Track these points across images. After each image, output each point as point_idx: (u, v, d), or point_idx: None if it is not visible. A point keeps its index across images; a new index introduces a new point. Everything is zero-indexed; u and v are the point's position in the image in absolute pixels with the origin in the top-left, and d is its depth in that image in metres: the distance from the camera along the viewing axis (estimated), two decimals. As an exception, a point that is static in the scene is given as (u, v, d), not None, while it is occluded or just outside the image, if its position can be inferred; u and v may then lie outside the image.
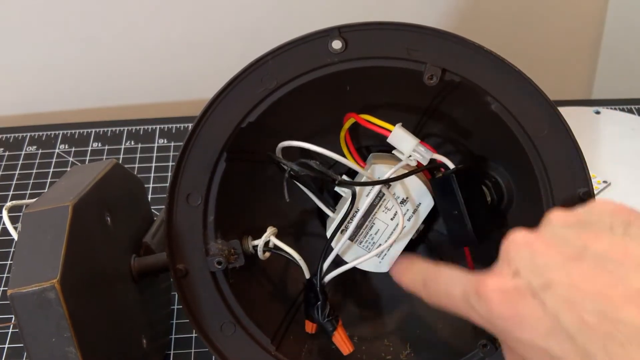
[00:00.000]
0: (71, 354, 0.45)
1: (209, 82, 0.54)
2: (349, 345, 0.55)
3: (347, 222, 0.56)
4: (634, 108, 0.90)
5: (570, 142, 0.53)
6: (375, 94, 0.56)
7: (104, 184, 0.55)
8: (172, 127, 0.91)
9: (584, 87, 1.04)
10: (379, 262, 0.59)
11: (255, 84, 0.53)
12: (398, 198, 0.57)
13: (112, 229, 0.55)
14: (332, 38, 0.52)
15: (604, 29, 0.98)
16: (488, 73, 0.52)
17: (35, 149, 0.88)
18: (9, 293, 0.45)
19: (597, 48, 1.00)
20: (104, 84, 0.95)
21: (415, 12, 0.92)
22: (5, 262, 0.74)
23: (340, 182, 0.53)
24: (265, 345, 0.56)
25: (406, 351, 0.60)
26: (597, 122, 0.87)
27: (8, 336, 0.67)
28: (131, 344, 0.56)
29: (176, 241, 0.55)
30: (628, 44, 0.98)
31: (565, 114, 0.53)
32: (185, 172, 0.54)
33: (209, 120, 0.54)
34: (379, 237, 0.58)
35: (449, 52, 0.52)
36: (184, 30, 0.92)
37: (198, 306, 0.55)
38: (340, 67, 0.53)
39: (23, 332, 0.45)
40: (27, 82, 0.94)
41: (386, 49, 0.53)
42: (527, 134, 0.53)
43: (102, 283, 0.52)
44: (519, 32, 0.96)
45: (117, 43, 0.91)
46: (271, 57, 0.53)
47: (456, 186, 0.54)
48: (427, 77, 0.52)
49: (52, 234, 0.48)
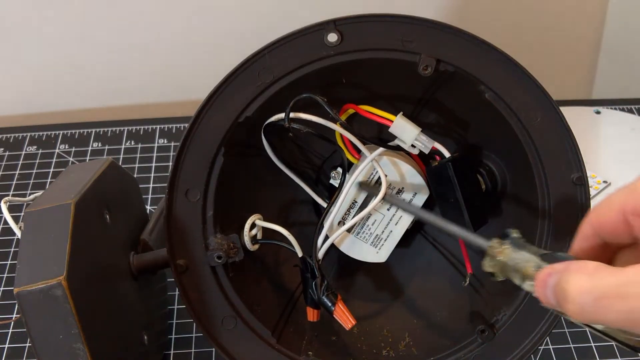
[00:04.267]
0: (79, 350, 0.46)
1: (209, 82, 0.54)
2: (350, 318, 0.55)
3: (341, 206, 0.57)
4: (634, 108, 0.91)
5: (563, 128, 0.54)
6: (371, 85, 0.56)
7: (102, 182, 0.55)
8: (172, 127, 0.91)
9: (584, 87, 1.05)
10: (377, 253, 0.59)
11: (252, 78, 0.54)
12: (393, 188, 0.58)
13: (111, 226, 0.55)
14: (328, 31, 0.53)
15: (604, 29, 0.98)
16: (482, 62, 0.53)
17: (35, 149, 0.88)
18: (15, 291, 0.45)
19: (597, 48, 1.00)
20: (104, 84, 0.94)
21: (412, 11, 0.93)
22: (5, 262, 0.73)
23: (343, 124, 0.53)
24: (267, 338, 0.56)
25: (405, 340, 0.60)
26: (597, 122, 0.88)
27: (8, 336, 0.66)
28: (133, 340, 0.56)
29: (176, 237, 0.55)
30: (628, 44, 0.99)
31: (565, 114, 0.54)
32: (184, 168, 0.55)
33: (207, 116, 0.54)
34: (375, 228, 0.59)
35: (443, 43, 0.53)
36: (184, 30, 0.91)
37: (199, 301, 0.56)
38: (336, 60, 0.53)
39: (30, 330, 0.45)
40: (27, 82, 0.93)
41: (381, 41, 0.53)
42: (520, 122, 0.54)
43: (104, 280, 0.52)
44: (518, 32, 0.97)
45: (117, 43, 0.91)
46: (267, 51, 0.53)
47: (452, 174, 0.55)
48: (421, 68, 0.53)
49: (56, 231, 0.48)
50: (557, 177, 0.54)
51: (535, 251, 0.42)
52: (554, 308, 0.38)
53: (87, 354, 0.46)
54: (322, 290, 0.55)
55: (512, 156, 0.56)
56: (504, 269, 0.43)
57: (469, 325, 0.58)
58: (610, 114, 0.89)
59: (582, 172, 0.54)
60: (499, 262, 0.43)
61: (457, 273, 0.62)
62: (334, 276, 0.63)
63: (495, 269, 0.44)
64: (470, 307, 0.60)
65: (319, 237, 0.56)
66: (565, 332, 0.66)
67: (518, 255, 0.42)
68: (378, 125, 0.54)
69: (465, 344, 0.57)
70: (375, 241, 0.59)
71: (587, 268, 0.36)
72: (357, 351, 0.60)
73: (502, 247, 0.43)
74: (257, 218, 0.56)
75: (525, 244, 0.43)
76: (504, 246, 0.43)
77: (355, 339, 0.61)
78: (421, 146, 0.54)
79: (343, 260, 0.61)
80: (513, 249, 0.43)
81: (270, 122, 0.54)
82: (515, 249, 0.43)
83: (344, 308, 0.54)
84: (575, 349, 0.65)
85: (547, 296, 0.38)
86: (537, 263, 0.41)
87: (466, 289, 0.60)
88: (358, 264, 0.60)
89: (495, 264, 0.44)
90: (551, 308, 0.39)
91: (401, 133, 0.53)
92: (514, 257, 0.43)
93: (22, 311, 0.45)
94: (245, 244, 0.56)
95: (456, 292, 0.61)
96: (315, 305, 0.56)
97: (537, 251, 0.42)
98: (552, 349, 0.65)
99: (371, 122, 0.54)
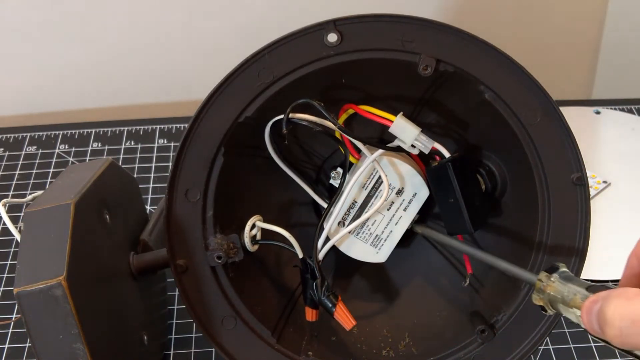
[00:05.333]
0: (79, 350, 0.46)
1: (209, 82, 0.54)
2: (351, 319, 0.55)
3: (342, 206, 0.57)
4: (634, 108, 0.91)
5: (563, 128, 0.54)
6: (370, 85, 0.56)
7: (102, 182, 0.55)
8: (172, 127, 0.91)
9: (584, 87, 1.04)
10: (377, 253, 0.59)
11: (252, 78, 0.54)
12: (394, 189, 0.58)
13: (111, 226, 0.55)
14: (328, 31, 0.53)
15: (604, 29, 0.98)
16: (481, 62, 0.53)
17: (35, 149, 0.88)
18: (15, 291, 0.45)
19: (597, 48, 1.00)
20: (104, 84, 0.94)
21: (412, 11, 0.93)
22: (5, 262, 0.73)
23: (341, 128, 0.53)
24: (266, 338, 0.56)
25: (405, 340, 0.60)
26: (597, 122, 0.88)
27: (8, 336, 0.66)
28: (133, 340, 0.56)
29: (176, 237, 0.55)
30: (628, 44, 0.99)
31: (565, 114, 0.54)
32: (184, 168, 0.55)
33: (207, 116, 0.54)
34: (375, 228, 0.59)
35: (443, 43, 0.53)
36: (184, 30, 0.91)
37: (199, 301, 0.56)
38: (336, 60, 0.54)
39: (30, 330, 0.45)
40: (27, 82, 0.93)
41: (381, 41, 0.53)
42: (520, 122, 0.54)
43: (104, 280, 0.52)
44: (518, 32, 0.97)
45: (117, 43, 0.91)
46: (267, 51, 0.53)
47: (452, 174, 0.55)
48: (421, 68, 0.53)
49: (56, 231, 0.48)
50: (557, 177, 0.54)
51: (582, 284, 0.42)
52: (599, 336, 0.38)
53: (87, 354, 0.46)
54: (322, 291, 0.55)
55: (512, 156, 0.56)
56: (553, 302, 0.44)
57: (469, 325, 0.58)
58: (610, 114, 0.89)
59: (582, 172, 0.54)
60: (547, 295, 0.44)
61: (457, 273, 0.62)
62: (333, 276, 0.63)
63: (544, 303, 0.44)
64: (470, 307, 0.60)
65: (319, 239, 0.56)
66: (565, 332, 0.66)
67: (566, 288, 0.43)
68: (378, 125, 0.54)
69: (465, 344, 0.57)
70: (375, 241, 0.59)
71: (628, 293, 0.37)
72: (357, 351, 0.60)
73: (550, 281, 0.44)
74: (257, 219, 0.56)
75: (573, 277, 0.43)
76: (552, 280, 0.44)
77: (355, 339, 0.61)
78: (421, 146, 0.54)
79: (343, 260, 0.60)
80: (561, 282, 0.43)
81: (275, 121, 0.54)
82: (563, 282, 0.43)
83: (344, 309, 0.54)
84: (575, 349, 0.65)
85: (591, 323, 0.39)
86: (585, 294, 0.41)
87: (466, 289, 0.60)
88: (358, 264, 0.60)
89: (544, 297, 0.44)
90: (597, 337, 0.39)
91: (401, 133, 0.53)
92: (562, 290, 0.43)
93: (22, 311, 0.45)
94: (245, 245, 0.56)
95: (456, 292, 0.61)
96: (314, 305, 0.56)
97: (584, 284, 0.42)
98: (552, 349, 0.65)
99: (371, 123, 0.54)
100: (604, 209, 0.76)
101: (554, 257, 0.55)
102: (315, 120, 0.53)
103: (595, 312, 0.38)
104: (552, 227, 0.55)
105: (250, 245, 0.56)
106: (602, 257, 0.69)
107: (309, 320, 0.57)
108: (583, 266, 0.55)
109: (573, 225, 0.55)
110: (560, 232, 0.55)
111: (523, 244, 0.57)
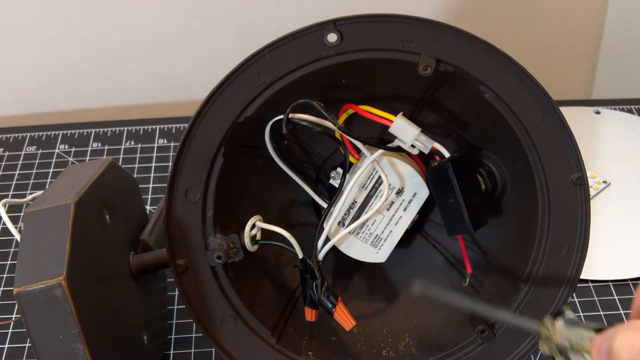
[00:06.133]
0: (79, 350, 0.46)
1: (209, 82, 0.54)
2: (351, 319, 0.55)
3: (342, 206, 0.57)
4: (634, 108, 0.91)
5: (563, 128, 0.54)
6: (370, 85, 0.56)
7: (102, 183, 0.55)
8: (172, 127, 0.91)
9: (584, 87, 1.04)
10: (376, 253, 0.59)
11: (252, 78, 0.54)
12: (394, 189, 0.58)
13: (111, 226, 0.56)
14: (328, 31, 0.53)
15: (604, 29, 0.98)
16: (481, 62, 0.53)
17: (35, 149, 0.88)
18: (15, 291, 0.45)
19: (597, 48, 1.00)
20: (104, 84, 0.94)
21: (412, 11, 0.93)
22: (5, 262, 0.73)
23: (340, 128, 0.53)
24: (266, 338, 0.56)
25: (405, 340, 0.60)
26: (597, 122, 0.88)
27: (8, 336, 0.66)
28: (133, 340, 0.56)
29: (176, 237, 0.55)
30: (628, 44, 0.99)
31: (565, 114, 0.54)
32: (184, 168, 0.55)
33: (207, 116, 0.54)
34: (375, 228, 0.59)
35: (443, 43, 0.53)
36: (184, 30, 0.91)
37: (199, 301, 0.56)
38: (336, 60, 0.54)
39: (30, 331, 0.45)
40: (27, 82, 0.93)
41: (381, 41, 0.53)
42: (520, 122, 0.54)
43: (104, 280, 0.52)
44: (518, 32, 0.97)
45: (117, 43, 0.91)
46: (267, 51, 0.53)
47: (452, 174, 0.55)
48: (421, 68, 0.53)
49: (56, 231, 0.48)
50: (557, 177, 0.54)
51: (590, 327, 0.42)
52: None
53: (87, 354, 0.46)
54: (322, 291, 0.55)
55: (512, 156, 0.56)
56: (562, 349, 0.43)
57: (469, 325, 0.58)
58: (610, 114, 0.89)
59: (582, 172, 0.54)
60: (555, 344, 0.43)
61: (457, 273, 0.62)
62: (333, 276, 0.63)
63: (553, 351, 0.44)
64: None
65: (319, 239, 0.56)
66: (565, 332, 0.66)
67: (573, 333, 0.42)
68: (378, 125, 0.54)
69: (465, 344, 0.57)
70: (375, 241, 0.59)
71: (635, 325, 0.37)
72: (357, 351, 0.60)
73: (556, 328, 0.43)
74: (257, 219, 0.56)
75: (579, 321, 0.43)
76: (557, 326, 0.43)
77: (355, 339, 0.61)
78: (421, 146, 0.54)
79: (342, 260, 0.60)
80: (567, 328, 0.43)
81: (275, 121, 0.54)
82: (569, 327, 0.43)
83: (344, 309, 0.54)
84: (575, 349, 0.65)
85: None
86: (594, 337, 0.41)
87: (466, 289, 0.60)
88: (358, 264, 0.60)
89: (551, 345, 0.44)
90: None
91: (401, 133, 0.53)
92: (569, 336, 0.42)
93: (22, 311, 0.45)
94: (245, 245, 0.56)
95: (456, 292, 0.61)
96: (314, 306, 0.56)
97: (592, 326, 0.42)
98: (552, 349, 0.65)
99: (371, 123, 0.54)
100: (603, 209, 0.76)
101: (554, 257, 0.55)
102: (315, 120, 0.53)
103: (605, 349, 0.38)
104: (552, 227, 0.55)
105: (250, 246, 0.56)
106: (602, 257, 0.69)
107: (308, 321, 0.57)
108: (583, 266, 0.55)
109: (573, 225, 0.55)
110: (560, 232, 0.55)
111: (523, 244, 0.57)
